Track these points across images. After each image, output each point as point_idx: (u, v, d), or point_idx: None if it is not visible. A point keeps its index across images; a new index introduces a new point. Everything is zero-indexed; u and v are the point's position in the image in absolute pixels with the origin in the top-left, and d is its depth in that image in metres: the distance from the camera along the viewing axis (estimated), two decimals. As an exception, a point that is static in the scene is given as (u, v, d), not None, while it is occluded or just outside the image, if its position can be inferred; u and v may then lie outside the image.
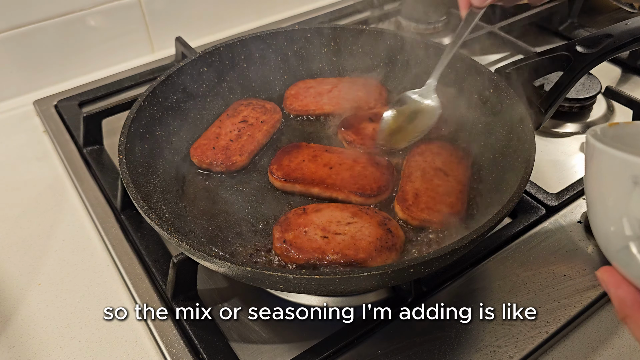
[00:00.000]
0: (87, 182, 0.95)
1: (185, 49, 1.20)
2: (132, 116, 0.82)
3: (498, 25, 1.24)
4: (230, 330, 0.71)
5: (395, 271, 0.57)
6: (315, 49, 1.05)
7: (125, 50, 1.31)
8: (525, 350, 0.66)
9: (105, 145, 1.04)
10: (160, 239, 0.83)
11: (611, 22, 1.30)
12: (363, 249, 0.70)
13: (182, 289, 0.73)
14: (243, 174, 0.89)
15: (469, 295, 0.73)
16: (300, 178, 0.83)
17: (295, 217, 0.75)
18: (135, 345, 0.71)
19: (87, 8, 1.21)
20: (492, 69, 0.89)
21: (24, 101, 1.20)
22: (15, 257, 0.84)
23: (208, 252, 0.60)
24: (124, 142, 0.77)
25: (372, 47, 1.03)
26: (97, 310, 0.76)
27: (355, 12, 1.45)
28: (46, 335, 0.73)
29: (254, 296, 0.75)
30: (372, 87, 1.01)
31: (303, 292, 0.67)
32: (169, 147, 0.89)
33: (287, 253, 0.71)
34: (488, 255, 0.78)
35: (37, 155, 1.06)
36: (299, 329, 0.71)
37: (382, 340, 0.68)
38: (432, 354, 0.66)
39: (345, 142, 0.91)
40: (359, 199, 0.80)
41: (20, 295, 0.78)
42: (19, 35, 1.16)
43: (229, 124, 0.94)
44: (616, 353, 0.68)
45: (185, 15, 1.34)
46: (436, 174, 0.82)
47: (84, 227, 0.89)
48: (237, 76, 1.02)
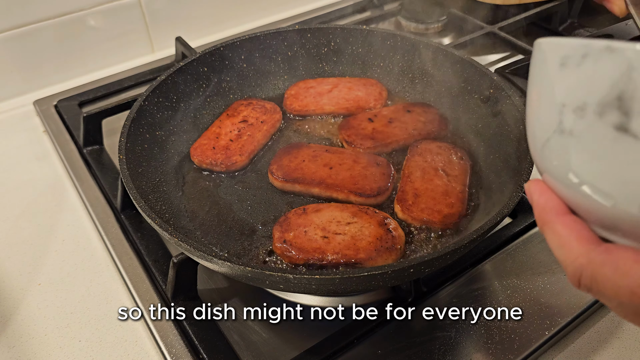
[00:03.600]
0: (87, 182, 0.95)
1: (185, 49, 1.20)
2: (132, 116, 0.82)
3: (498, 25, 1.24)
4: (230, 330, 0.71)
5: (395, 271, 0.57)
6: (315, 49, 1.05)
7: (125, 50, 1.31)
8: (525, 350, 0.66)
9: (105, 145, 1.04)
10: (160, 239, 0.83)
11: (611, 22, 1.30)
12: (363, 249, 0.70)
13: (182, 289, 0.73)
14: (243, 174, 0.89)
15: (469, 295, 0.73)
16: (300, 178, 0.83)
17: (295, 217, 0.75)
18: (135, 345, 0.71)
19: (87, 8, 1.21)
20: (492, 69, 0.89)
21: (24, 101, 1.20)
22: (15, 257, 0.84)
23: (208, 252, 0.60)
24: (124, 142, 0.77)
25: (372, 47, 1.04)
26: (97, 310, 0.76)
27: (355, 12, 1.45)
28: (46, 335, 0.73)
29: (254, 296, 0.75)
30: (372, 87, 1.01)
31: (303, 292, 0.67)
32: (169, 147, 0.89)
33: (287, 253, 0.71)
34: (488, 255, 0.78)
35: (37, 155, 1.06)
36: (299, 329, 0.71)
37: (382, 340, 0.68)
38: (432, 354, 0.66)
39: (345, 142, 0.91)
40: (359, 199, 0.80)
41: (20, 295, 0.78)
42: (19, 35, 1.16)
43: (229, 124, 0.94)
44: (616, 353, 0.68)
45: (185, 15, 1.34)
46: (436, 174, 0.82)
47: (84, 227, 0.89)
48: (237, 76, 1.02)
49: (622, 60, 0.35)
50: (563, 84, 0.39)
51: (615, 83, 0.35)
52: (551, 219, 0.40)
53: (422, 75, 1.00)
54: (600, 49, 0.36)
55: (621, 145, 0.35)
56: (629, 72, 0.34)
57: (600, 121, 0.36)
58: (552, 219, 0.40)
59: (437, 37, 1.35)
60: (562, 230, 0.39)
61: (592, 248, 0.36)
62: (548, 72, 0.41)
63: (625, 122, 0.35)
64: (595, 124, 0.37)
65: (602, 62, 0.36)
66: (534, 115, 0.43)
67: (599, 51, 0.36)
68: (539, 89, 0.43)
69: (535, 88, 0.43)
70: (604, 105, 0.36)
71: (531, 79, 0.44)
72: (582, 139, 0.38)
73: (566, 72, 0.39)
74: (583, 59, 0.37)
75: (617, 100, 0.35)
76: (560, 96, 0.39)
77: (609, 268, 0.34)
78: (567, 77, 0.39)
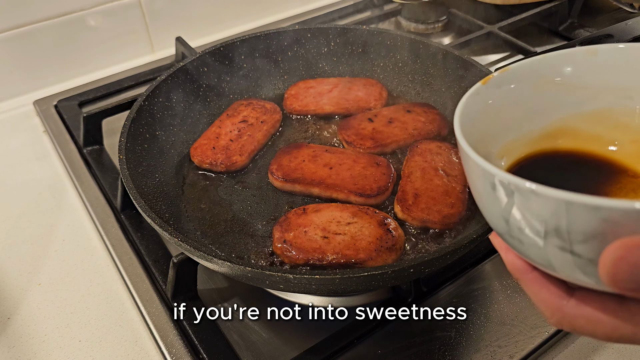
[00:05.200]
0: (87, 182, 0.95)
1: (185, 49, 1.20)
2: (132, 116, 0.82)
3: (498, 25, 1.24)
4: (230, 330, 0.71)
5: (395, 271, 0.57)
6: (315, 49, 1.05)
7: (125, 50, 1.31)
8: (525, 350, 0.66)
9: (105, 145, 1.04)
10: (160, 239, 0.83)
11: (611, 22, 1.30)
12: (363, 249, 0.70)
13: (182, 289, 0.73)
14: (243, 174, 0.89)
15: (469, 295, 0.73)
16: (300, 178, 0.83)
17: (295, 217, 0.75)
18: (135, 345, 0.71)
19: (87, 8, 1.21)
20: (492, 69, 0.89)
21: (24, 101, 1.20)
22: (15, 257, 0.85)
23: (208, 252, 0.60)
24: (124, 142, 0.77)
25: (372, 47, 1.04)
26: (97, 310, 0.76)
27: (355, 12, 1.45)
28: (46, 335, 0.73)
29: (254, 296, 0.75)
30: (372, 87, 1.01)
31: (303, 292, 0.67)
32: (169, 147, 0.89)
33: (287, 253, 0.71)
34: (488, 255, 0.78)
35: (37, 155, 1.06)
36: (299, 329, 0.71)
37: (382, 340, 0.68)
38: (432, 354, 0.66)
39: (345, 142, 0.91)
40: (359, 199, 0.80)
41: (20, 295, 0.78)
42: (19, 35, 1.16)
43: (229, 124, 0.94)
44: (616, 353, 0.68)
45: (185, 15, 1.35)
46: (436, 174, 0.82)
47: (84, 227, 0.89)
48: (237, 76, 1.02)
49: (551, 203, 0.34)
50: (498, 204, 0.39)
51: (549, 220, 0.35)
52: (520, 276, 0.44)
53: (422, 75, 1.00)
54: (528, 191, 0.35)
55: (567, 257, 0.36)
56: (558, 214, 0.34)
57: (545, 241, 0.37)
58: (521, 276, 0.44)
59: (437, 37, 1.35)
60: (532, 287, 0.43)
61: (563, 304, 0.40)
62: (484, 191, 0.41)
63: (567, 246, 0.35)
64: (540, 242, 0.37)
65: (532, 202, 0.35)
66: (482, 205, 0.43)
67: (527, 192, 0.35)
68: (480, 198, 0.43)
69: (474, 189, 0.43)
70: (542, 232, 0.36)
71: (469, 176, 0.44)
72: (530, 249, 0.39)
73: (499, 197, 0.39)
74: (512, 194, 0.37)
75: (555, 231, 0.35)
76: (499, 211, 0.40)
77: (582, 320, 0.39)
78: (499, 200, 0.39)
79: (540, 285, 0.42)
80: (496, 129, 0.50)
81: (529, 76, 0.50)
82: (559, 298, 0.40)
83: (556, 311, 0.40)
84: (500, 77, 0.50)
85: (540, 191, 0.34)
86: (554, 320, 0.41)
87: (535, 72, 0.50)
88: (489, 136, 0.49)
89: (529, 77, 0.50)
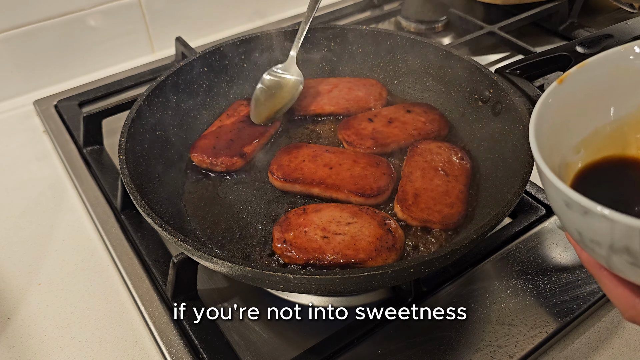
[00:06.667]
0: (87, 182, 0.95)
1: (185, 49, 1.20)
2: (132, 116, 0.82)
3: (498, 25, 1.24)
4: (230, 330, 0.71)
5: (395, 271, 0.57)
6: (315, 49, 1.05)
7: (125, 50, 1.31)
8: (525, 350, 0.66)
9: (105, 145, 1.04)
10: (160, 239, 0.83)
11: (611, 22, 1.30)
12: (363, 249, 0.70)
13: (182, 289, 0.73)
14: (243, 174, 0.89)
15: (469, 295, 0.73)
16: (300, 178, 0.83)
17: (295, 217, 0.75)
18: (135, 345, 0.71)
19: (87, 8, 1.21)
20: (492, 69, 0.89)
21: (24, 101, 1.20)
22: (15, 257, 0.84)
23: (208, 252, 0.60)
24: (124, 142, 0.77)
25: (372, 47, 1.03)
26: (97, 310, 0.76)
27: (355, 12, 1.45)
28: (46, 335, 0.73)
29: (254, 296, 0.75)
30: (372, 87, 1.01)
31: (303, 292, 0.67)
32: (169, 147, 0.89)
33: (287, 253, 0.71)
34: (488, 255, 0.78)
35: (37, 155, 1.06)
36: (299, 329, 0.71)
37: (382, 340, 0.68)
38: (432, 354, 0.66)
39: (345, 142, 0.91)
40: (359, 199, 0.80)
41: (20, 295, 0.78)
42: (19, 35, 1.16)
43: (229, 123, 0.94)
44: (616, 353, 0.68)
45: (185, 15, 1.34)
46: (436, 174, 0.82)
47: (84, 227, 0.89)
48: (237, 76, 1.02)
49: (622, 227, 0.37)
50: (572, 219, 0.42)
51: (619, 240, 0.38)
52: (595, 272, 0.47)
53: (422, 75, 1.00)
54: (599, 215, 0.38)
55: (637, 271, 0.39)
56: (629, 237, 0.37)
57: (616, 256, 0.39)
58: (596, 272, 0.47)
59: (437, 37, 1.35)
60: (608, 283, 0.46)
61: (637, 302, 0.44)
62: (559, 206, 0.43)
63: (638, 262, 0.38)
64: (611, 255, 0.40)
65: (603, 224, 0.38)
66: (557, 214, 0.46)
67: (599, 216, 0.38)
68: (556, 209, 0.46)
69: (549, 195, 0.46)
70: (613, 249, 0.39)
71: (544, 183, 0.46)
72: (602, 259, 0.42)
73: (573, 213, 0.41)
74: (585, 214, 0.39)
75: (625, 249, 0.38)
76: (572, 225, 0.43)
77: None
78: (573, 216, 0.41)
79: (615, 283, 0.45)
80: (574, 124, 0.52)
81: (606, 67, 0.52)
82: (633, 296, 0.44)
83: (630, 308, 0.44)
84: (577, 73, 0.52)
85: (612, 217, 0.37)
86: (628, 316, 0.45)
87: (612, 63, 0.52)
88: (566, 130, 0.52)
89: (606, 67, 0.52)
